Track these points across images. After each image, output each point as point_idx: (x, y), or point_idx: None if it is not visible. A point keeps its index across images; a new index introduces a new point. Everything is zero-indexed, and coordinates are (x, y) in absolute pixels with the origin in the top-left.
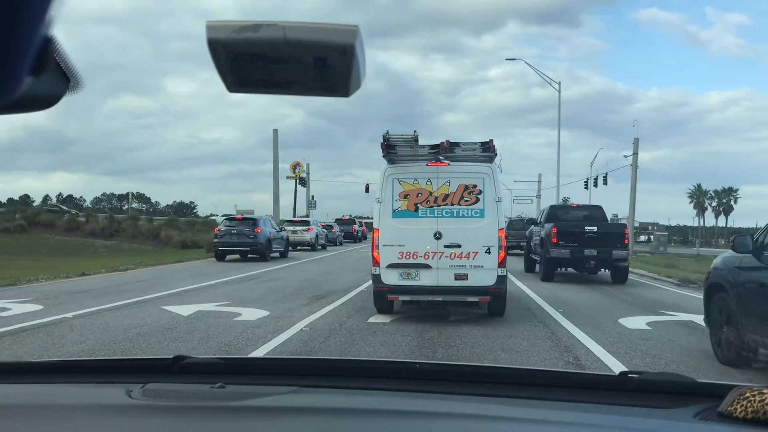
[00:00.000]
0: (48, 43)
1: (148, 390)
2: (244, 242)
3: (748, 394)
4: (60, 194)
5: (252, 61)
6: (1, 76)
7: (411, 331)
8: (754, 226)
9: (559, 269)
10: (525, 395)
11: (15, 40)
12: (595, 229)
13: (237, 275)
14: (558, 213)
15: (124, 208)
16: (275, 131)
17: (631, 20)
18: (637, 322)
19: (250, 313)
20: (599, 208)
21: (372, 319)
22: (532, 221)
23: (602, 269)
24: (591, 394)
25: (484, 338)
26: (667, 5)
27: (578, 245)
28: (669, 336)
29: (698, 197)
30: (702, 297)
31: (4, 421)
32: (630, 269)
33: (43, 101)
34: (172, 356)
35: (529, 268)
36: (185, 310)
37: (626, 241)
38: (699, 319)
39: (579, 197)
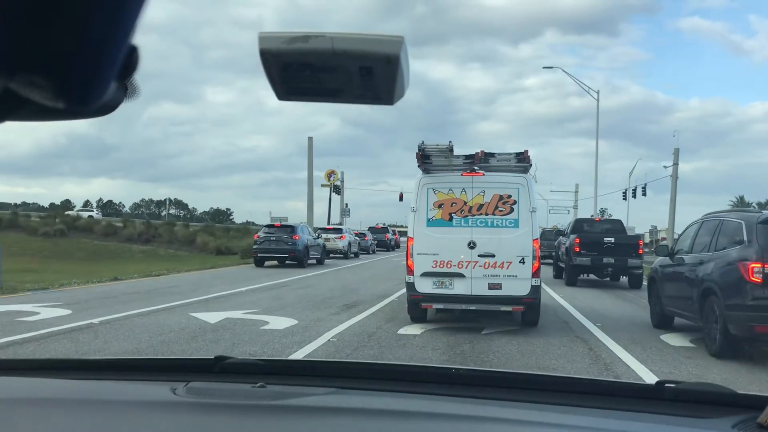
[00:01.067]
0: (133, 51)
1: (192, 388)
2: (282, 249)
3: None
4: (100, 199)
5: (301, 71)
6: (92, 82)
7: (442, 344)
8: None
9: (581, 275)
10: (559, 402)
11: (108, 46)
12: (612, 240)
13: (268, 282)
14: (582, 225)
15: (162, 214)
16: (310, 139)
17: (672, 29)
18: (680, 339)
19: (278, 322)
20: (619, 221)
21: (402, 331)
22: (560, 232)
23: (621, 276)
24: (627, 403)
25: (519, 354)
26: (709, 14)
27: (598, 254)
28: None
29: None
30: None
31: (54, 415)
32: None
33: (105, 108)
34: (213, 356)
35: (558, 274)
36: (213, 317)
37: (640, 251)
38: None
39: (617, 208)
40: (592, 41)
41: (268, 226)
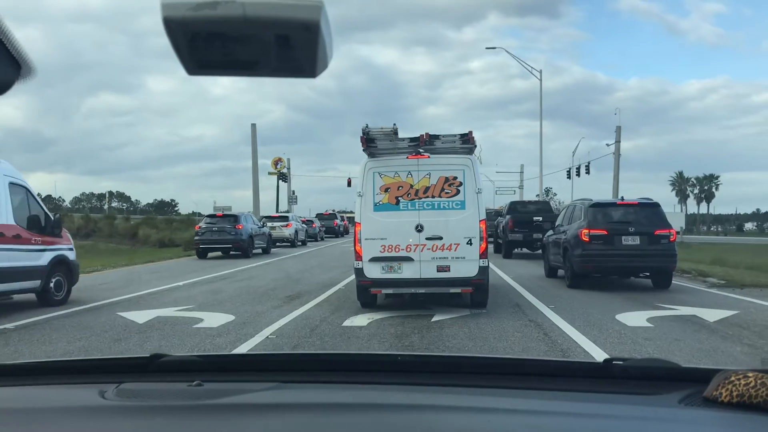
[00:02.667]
0: None
1: (123, 390)
2: (225, 239)
3: (733, 378)
4: (39, 194)
5: (211, 41)
6: None
7: (389, 335)
8: (734, 212)
9: (516, 249)
10: (508, 385)
11: None
12: (540, 218)
13: (208, 275)
14: (516, 207)
15: (104, 207)
16: (253, 125)
17: (611, 10)
18: (636, 319)
19: (213, 319)
20: (547, 203)
21: (347, 322)
22: (499, 213)
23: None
24: (576, 382)
25: (471, 342)
26: None
27: (528, 231)
28: (675, 335)
29: (680, 184)
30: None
31: None
32: None
33: None
34: (149, 354)
35: (497, 249)
36: (142, 316)
37: None
38: (703, 313)
39: (562, 187)
40: (534, 23)
41: (210, 216)
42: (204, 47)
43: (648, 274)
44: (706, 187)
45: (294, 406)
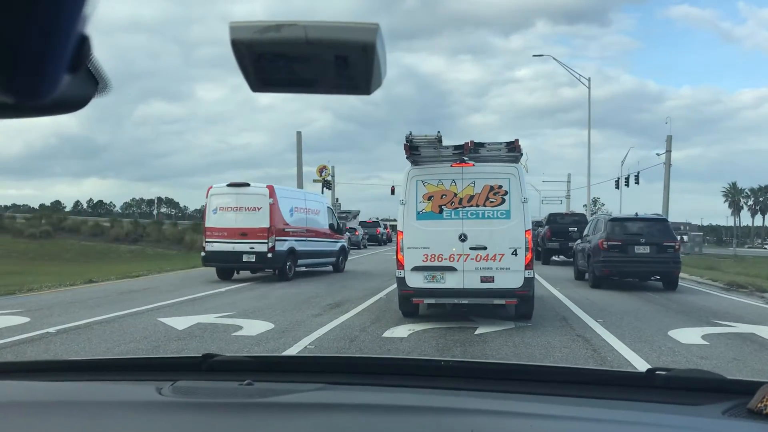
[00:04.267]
0: (84, 41)
1: (178, 387)
2: None
3: None
4: (90, 200)
5: (275, 61)
6: (40, 74)
7: (430, 348)
8: None
9: (553, 256)
10: (552, 392)
11: (55, 36)
12: (575, 229)
13: (251, 281)
14: (555, 218)
15: (153, 213)
16: (299, 133)
17: (662, 18)
18: (690, 335)
19: (253, 327)
20: (583, 215)
21: (388, 333)
22: (539, 223)
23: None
24: (618, 391)
25: (516, 359)
26: (698, 1)
27: (564, 240)
28: (732, 354)
29: (733, 195)
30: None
31: (38, 418)
32: None
33: (73, 103)
34: (201, 354)
35: (536, 257)
36: (182, 322)
37: None
38: (762, 331)
39: (610, 197)
40: (583, 31)
41: None
42: (268, 67)
43: (658, 277)
44: (761, 199)
45: (340, 407)
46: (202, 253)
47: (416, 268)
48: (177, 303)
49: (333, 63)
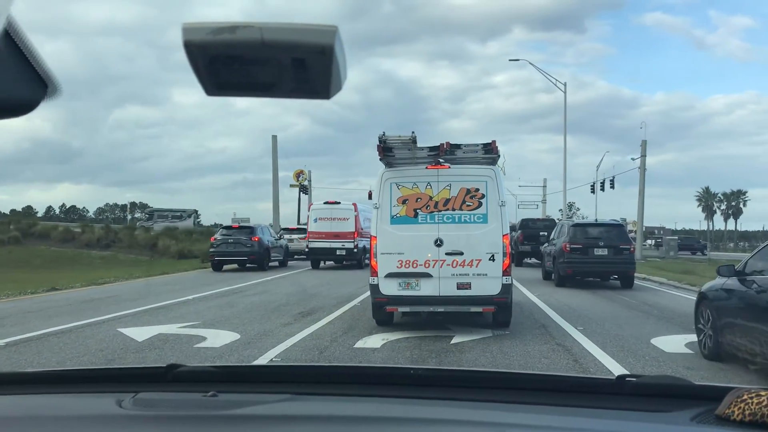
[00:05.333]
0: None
1: (139, 399)
2: (241, 251)
3: (745, 397)
4: (63, 205)
5: (229, 64)
6: None
7: (404, 359)
8: (762, 229)
9: (525, 259)
10: (522, 400)
11: None
12: (546, 233)
13: (221, 288)
14: (527, 223)
15: (128, 218)
16: (274, 137)
17: (637, 25)
18: (674, 344)
19: (217, 337)
20: (553, 220)
21: (360, 344)
22: (513, 228)
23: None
24: (589, 399)
25: (493, 369)
26: (671, 9)
27: (535, 243)
28: (719, 364)
29: (707, 200)
30: None
31: None
32: (646, 276)
33: (20, 107)
34: (165, 364)
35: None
36: (143, 333)
37: None
38: None
39: (585, 201)
40: (559, 38)
41: (226, 227)
42: (223, 69)
43: (616, 276)
44: (733, 203)
45: (306, 418)
46: (305, 249)
47: (390, 275)
48: (140, 312)
49: (290, 66)
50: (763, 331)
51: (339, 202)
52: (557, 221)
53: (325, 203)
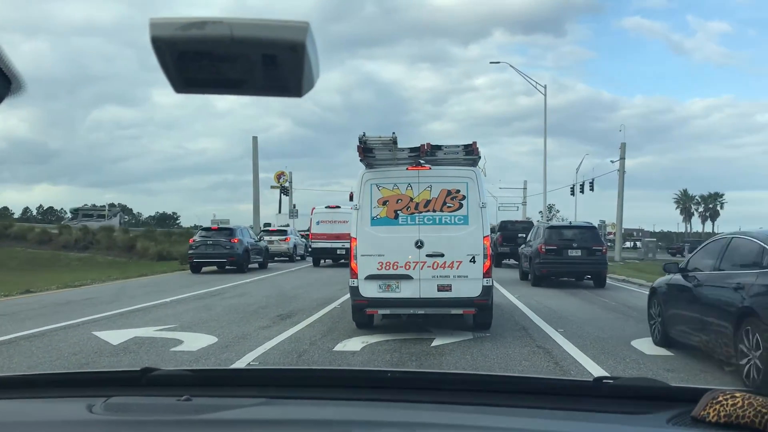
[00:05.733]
0: None
1: (111, 404)
2: (220, 253)
3: (720, 398)
4: (40, 206)
5: (198, 60)
6: None
7: (384, 362)
8: (739, 230)
9: (504, 260)
10: (499, 403)
11: None
12: (524, 235)
13: (200, 290)
14: (506, 225)
15: (105, 219)
16: (254, 138)
17: (616, 29)
18: (654, 346)
19: (195, 341)
20: (531, 222)
21: (339, 347)
22: (492, 230)
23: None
24: (567, 401)
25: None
26: (650, 14)
27: (514, 245)
28: (700, 366)
29: (684, 202)
30: None
31: None
32: (626, 278)
33: None
34: (140, 368)
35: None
36: (118, 336)
37: None
38: None
39: (565, 204)
40: (540, 41)
41: (204, 229)
42: (192, 66)
43: (590, 276)
44: (710, 206)
45: (281, 423)
46: (309, 249)
47: (370, 277)
48: (116, 315)
49: (261, 63)
50: (701, 319)
51: (339, 207)
52: (535, 223)
53: (326, 207)
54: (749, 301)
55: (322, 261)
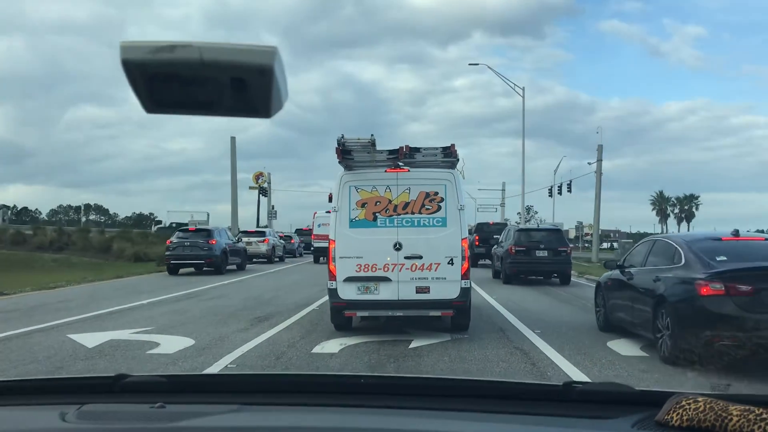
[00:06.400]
0: None
1: (84, 412)
2: (197, 254)
3: (684, 403)
4: (14, 206)
5: (168, 82)
6: None
7: (362, 364)
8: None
9: (480, 261)
10: (469, 407)
11: None
12: (499, 236)
13: (177, 292)
14: (482, 227)
15: (82, 220)
16: (233, 138)
17: (594, 32)
18: (629, 347)
19: (171, 343)
20: (505, 224)
21: (317, 349)
22: (470, 231)
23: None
24: (536, 406)
25: (451, 374)
26: (627, 17)
27: (489, 246)
28: (672, 367)
29: (660, 204)
30: None
31: None
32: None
33: None
34: (114, 374)
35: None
36: (93, 339)
37: None
38: None
39: (543, 205)
40: (519, 43)
41: (182, 230)
42: (161, 88)
43: (556, 275)
44: (686, 207)
45: (255, 429)
46: (312, 248)
47: (349, 279)
48: (91, 317)
49: (229, 85)
50: (631, 306)
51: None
52: (525, 223)
53: (327, 212)
54: (663, 291)
55: (321, 258)
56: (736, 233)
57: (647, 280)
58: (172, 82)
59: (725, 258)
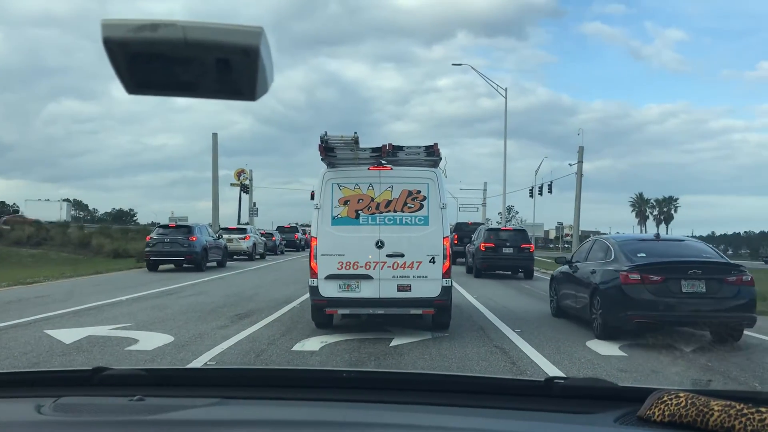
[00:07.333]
0: None
1: (61, 405)
2: (178, 251)
3: (665, 398)
4: None
5: (151, 62)
6: None
7: (343, 362)
8: (691, 234)
9: (458, 259)
10: (450, 402)
11: None
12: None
13: (157, 288)
14: (461, 226)
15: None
16: (214, 135)
17: (577, 34)
18: (608, 347)
19: (150, 340)
20: (482, 224)
21: (298, 347)
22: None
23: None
24: (518, 401)
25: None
26: (610, 20)
27: (467, 244)
28: (651, 365)
29: (640, 205)
30: None
31: None
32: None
33: None
34: (91, 367)
35: None
36: (71, 335)
37: None
38: (677, 341)
39: (524, 205)
40: (502, 44)
41: (162, 226)
42: (144, 68)
43: (521, 270)
44: (665, 209)
45: (234, 423)
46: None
47: (330, 276)
48: (69, 313)
49: (214, 66)
50: (575, 295)
51: None
52: (506, 223)
53: None
54: (597, 280)
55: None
56: (657, 236)
57: (587, 273)
58: (155, 62)
59: (644, 255)
